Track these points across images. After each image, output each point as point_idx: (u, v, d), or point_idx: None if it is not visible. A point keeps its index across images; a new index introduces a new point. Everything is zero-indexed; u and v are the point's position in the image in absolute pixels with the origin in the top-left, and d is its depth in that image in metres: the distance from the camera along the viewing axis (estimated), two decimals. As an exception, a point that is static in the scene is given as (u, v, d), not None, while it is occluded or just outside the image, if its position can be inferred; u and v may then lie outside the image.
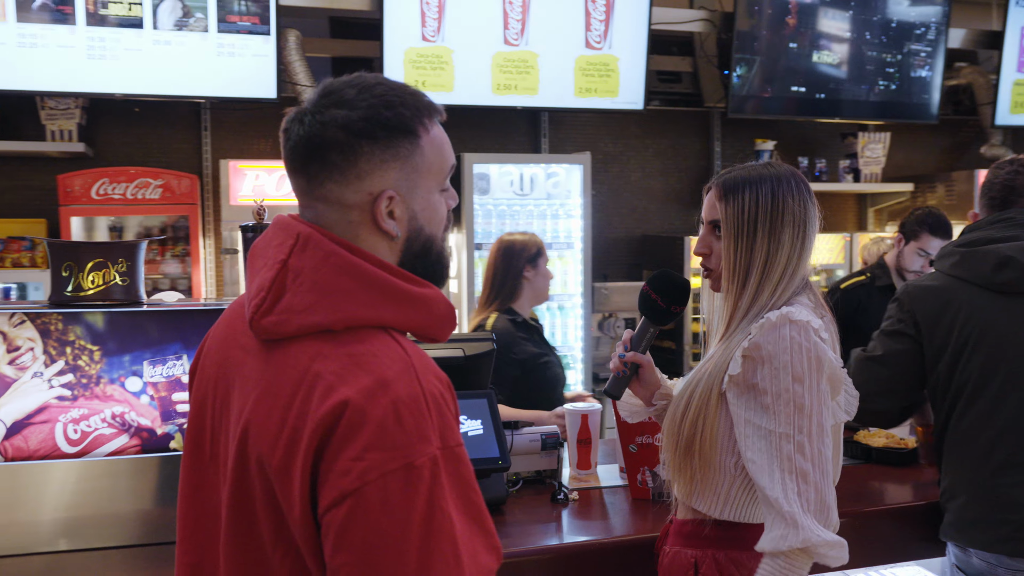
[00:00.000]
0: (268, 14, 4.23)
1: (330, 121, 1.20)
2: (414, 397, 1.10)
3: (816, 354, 1.62)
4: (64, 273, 2.00)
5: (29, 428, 1.89)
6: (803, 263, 1.75)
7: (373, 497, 1.06)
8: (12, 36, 3.95)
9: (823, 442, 1.61)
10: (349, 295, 1.17)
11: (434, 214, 1.29)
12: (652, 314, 1.91)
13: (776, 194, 1.72)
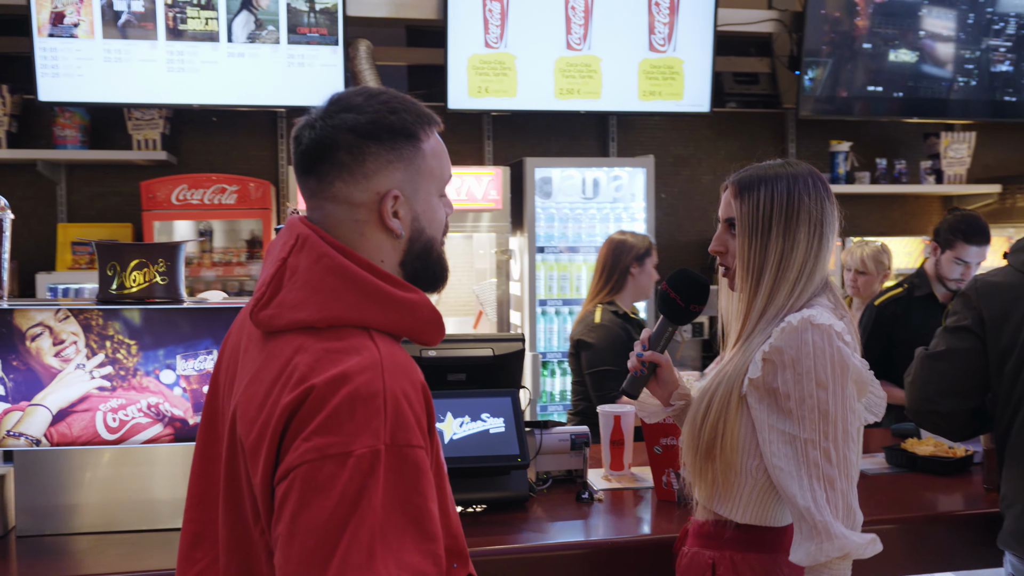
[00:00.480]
0: (336, 25, 4.38)
1: (340, 124, 1.28)
2: (372, 393, 1.16)
3: (840, 359, 1.61)
4: (109, 272, 2.14)
5: (72, 416, 2.04)
6: (820, 263, 1.72)
7: (309, 477, 1.12)
8: (99, 52, 4.21)
9: (848, 447, 1.60)
10: (335, 295, 1.24)
11: (434, 217, 1.37)
12: (671, 312, 1.91)
13: (792, 192, 1.71)
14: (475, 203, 4.34)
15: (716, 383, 1.73)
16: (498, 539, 2.09)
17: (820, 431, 1.58)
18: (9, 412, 2.02)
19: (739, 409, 1.68)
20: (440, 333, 1.36)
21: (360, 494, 1.12)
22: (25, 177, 4.69)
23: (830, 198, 1.75)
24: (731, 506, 1.72)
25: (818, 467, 1.57)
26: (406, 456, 1.17)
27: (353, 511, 1.11)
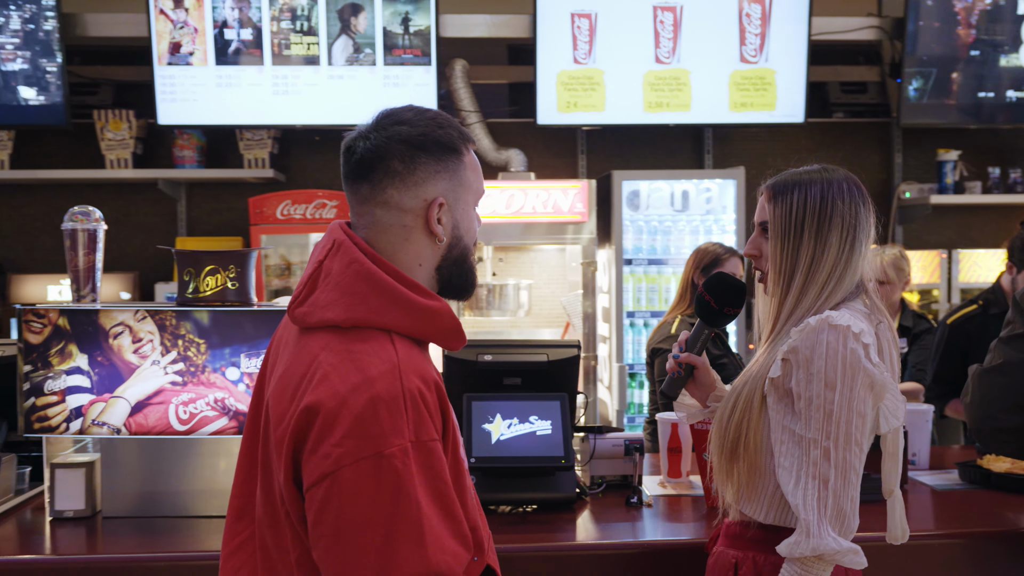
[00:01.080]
0: (429, 46, 4.56)
1: (394, 136, 1.41)
2: (393, 395, 1.28)
3: (852, 360, 1.60)
4: (185, 277, 2.34)
5: (148, 408, 2.23)
6: (852, 267, 1.71)
7: (347, 479, 1.24)
8: (212, 78, 4.53)
9: (850, 450, 1.59)
10: (361, 298, 1.36)
11: (471, 226, 1.51)
12: (707, 316, 1.94)
13: (825, 196, 1.71)
14: (561, 215, 4.42)
15: (743, 383, 1.74)
16: (539, 537, 2.15)
17: (823, 431, 1.58)
18: (95, 403, 2.23)
19: (762, 409, 1.69)
20: (460, 340, 1.47)
21: (399, 490, 1.24)
22: (149, 195, 5.08)
23: (866, 204, 1.74)
24: (755, 506, 1.73)
25: (816, 466, 1.58)
26: (430, 450, 1.29)
27: (395, 506, 1.23)
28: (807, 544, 1.56)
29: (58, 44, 4.54)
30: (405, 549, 1.23)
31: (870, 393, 1.62)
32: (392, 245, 1.43)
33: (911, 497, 2.51)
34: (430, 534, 1.25)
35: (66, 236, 2.43)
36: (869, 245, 1.74)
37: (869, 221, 1.74)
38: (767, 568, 1.70)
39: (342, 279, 1.38)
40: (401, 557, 1.23)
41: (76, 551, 2.12)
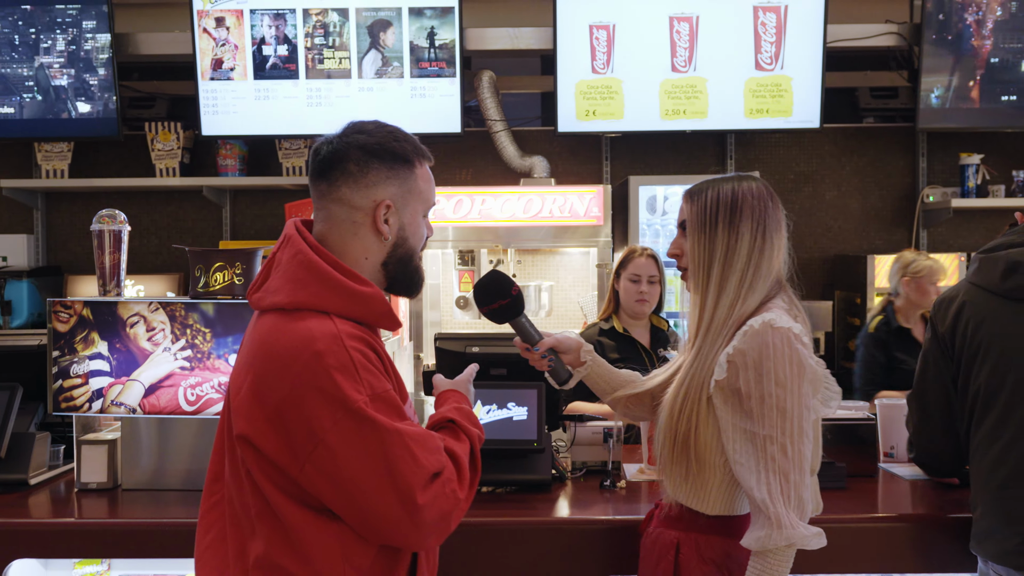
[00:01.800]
0: (454, 59, 4.78)
1: (353, 142, 1.64)
2: (342, 362, 1.50)
3: (797, 360, 1.71)
4: (196, 273, 2.59)
5: (160, 390, 2.48)
6: (767, 257, 1.81)
7: (335, 441, 1.47)
8: (251, 91, 4.83)
9: (803, 443, 1.71)
10: (303, 285, 1.59)
11: (417, 231, 1.72)
12: (501, 317, 2.03)
13: (735, 192, 1.83)
14: (578, 219, 4.58)
15: (687, 379, 1.84)
16: (512, 514, 2.33)
17: (778, 427, 1.69)
18: (113, 385, 2.49)
19: (708, 408, 1.79)
20: (394, 323, 1.69)
21: (378, 430, 1.48)
22: (196, 202, 5.41)
23: (774, 202, 1.86)
24: (701, 499, 1.83)
25: (775, 461, 1.68)
26: (384, 398, 1.53)
27: (382, 442, 1.47)
28: (780, 536, 1.67)
29: (110, 61, 4.89)
30: (406, 469, 1.48)
31: (812, 387, 1.74)
32: (343, 238, 1.64)
33: (883, 486, 2.61)
34: (416, 448, 1.51)
35: (94, 236, 2.70)
36: (782, 241, 1.85)
37: (778, 218, 1.84)
38: (709, 550, 1.81)
39: (288, 268, 1.60)
40: (406, 477, 1.48)
41: (98, 516, 2.37)
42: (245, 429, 1.52)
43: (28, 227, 5.48)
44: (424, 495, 1.51)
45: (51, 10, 4.84)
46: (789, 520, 1.67)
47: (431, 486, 1.53)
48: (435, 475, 1.54)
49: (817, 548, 1.71)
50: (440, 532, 1.57)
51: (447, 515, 1.56)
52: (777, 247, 1.84)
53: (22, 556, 2.31)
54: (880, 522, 2.28)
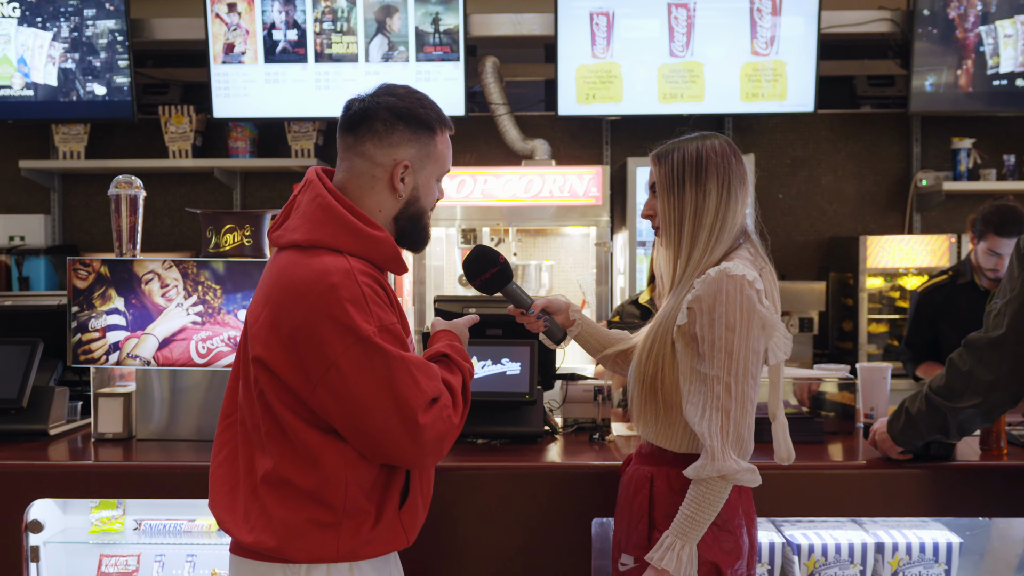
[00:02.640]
0: (457, 44, 4.93)
1: (383, 103, 1.79)
2: (355, 295, 1.65)
3: (748, 305, 1.81)
4: (208, 235, 2.74)
5: (173, 343, 2.63)
6: (732, 211, 1.91)
7: (346, 365, 1.63)
8: (261, 75, 4.98)
9: (747, 383, 1.82)
10: (320, 224, 1.74)
11: (430, 192, 1.87)
12: (492, 287, 2.15)
13: (700, 152, 1.92)
14: (577, 199, 4.72)
15: (657, 326, 1.96)
16: (502, 460, 2.46)
17: (725, 368, 1.80)
18: (129, 339, 2.64)
19: (672, 353, 1.91)
20: (401, 266, 1.84)
21: (384, 354, 1.63)
22: (208, 184, 5.57)
23: (737, 157, 1.95)
24: (670, 438, 1.95)
25: (718, 399, 1.80)
26: (390, 330, 1.68)
27: (388, 369, 1.63)
28: (712, 467, 1.78)
29: (125, 47, 5.05)
30: (409, 393, 1.64)
31: (762, 332, 1.84)
32: (361, 190, 1.78)
33: (858, 442, 2.73)
34: (419, 375, 1.67)
35: (111, 200, 2.85)
36: (746, 195, 1.96)
37: (741, 172, 1.94)
38: (679, 481, 1.92)
39: (308, 209, 1.75)
40: (410, 400, 1.64)
41: (113, 460, 2.52)
42: (262, 353, 1.67)
43: (45, 207, 5.65)
44: (425, 416, 1.66)
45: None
46: (723, 453, 1.78)
47: (431, 409, 1.68)
48: (434, 400, 1.70)
49: (751, 484, 1.83)
50: (437, 452, 1.73)
51: (443, 437, 1.72)
52: (741, 201, 1.94)
53: (42, 496, 2.45)
54: (849, 469, 2.41)
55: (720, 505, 1.83)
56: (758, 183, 5.51)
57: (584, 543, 2.36)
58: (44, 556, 2.55)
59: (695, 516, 1.83)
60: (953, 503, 2.39)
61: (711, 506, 1.82)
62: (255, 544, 1.68)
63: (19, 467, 2.42)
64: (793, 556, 2.46)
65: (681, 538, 1.82)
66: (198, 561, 2.63)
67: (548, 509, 2.39)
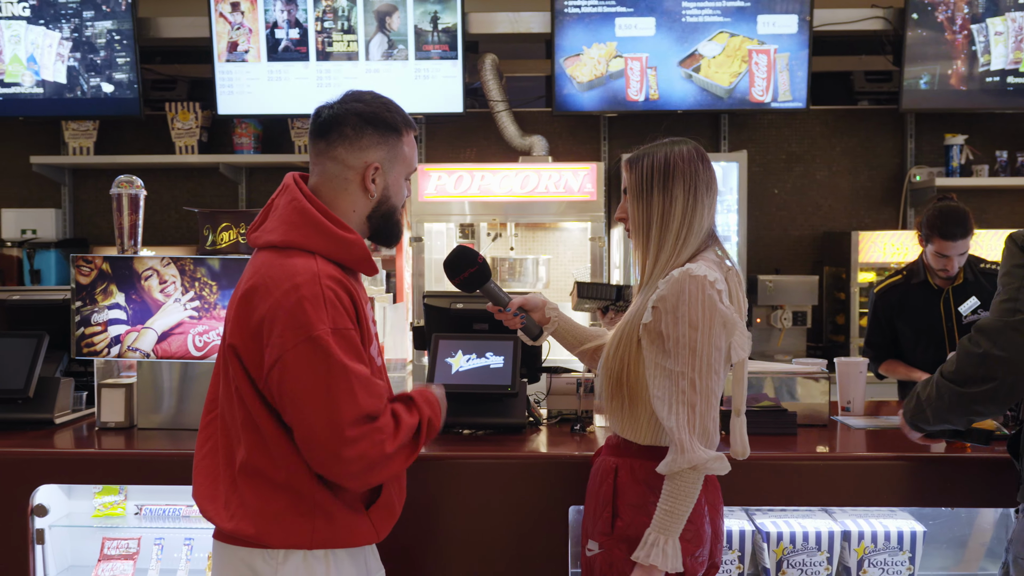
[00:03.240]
0: (456, 42, 5.02)
1: (351, 109, 1.90)
2: (315, 295, 1.75)
3: (709, 304, 1.90)
4: (205, 233, 2.86)
5: (171, 337, 2.75)
6: (698, 216, 2.00)
7: (291, 360, 1.73)
8: (264, 73, 5.10)
9: (711, 379, 1.90)
10: (295, 227, 1.85)
11: (399, 191, 1.99)
12: (471, 285, 2.25)
13: (668, 159, 2.00)
14: (572, 195, 4.82)
15: (624, 324, 2.05)
16: (484, 450, 2.57)
17: (689, 364, 1.89)
18: (129, 332, 2.76)
19: (638, 349, 2.00)
20: (371, 267, 1.95)
21: (328, 359, 1.72)
22: (213, 178, 5.70)
23: (704, 163, 2.03)
24: (634, 429, 2.04)
25: (684, 394, 1.88)
26: (344, 335, 1.76)
27: (328, 373, 1.72)
28: (683, 459, 1.86)
29: (133, 45, 5.17)
30: (342, 401, 1.71)
31: (724, 330, 1.93)
32: (335, 192, 1.89)
33: (837, 434, 2.81)
34: (358, 387, 1.73)
35: (113, 199, 2.97)
36: (713, 199, 2.04)
37: (708, 178, 2.02)
38: (641, 472, 2.01)
39: (284, 212, 1.86)
40: (341, 407, 1.71)
41: (116, 448, 2.64)
42: (235, 340, 1.79)
43: (56, 202, 5.79)
44: (352, 430, 1.71)
45: (77, -5, 5.13)
46: (691, 445, 1.87)
47: (361, 425, 1.73)
48: (369, 417, 1.75)
49: (720, 472, 1.91)
50: (360, 475, 1.75)
51: (371, 462, 1.74)
52: (707, 205, 2.02)
53: (47, 482, 2.58)
54: (817, 460, 2.50)
55: (695, 496, 1.91)
56: (753, 178, 5.58)
57: (561, 530, 2.47)
58: (49, 539, 2.68)
59: (672, 510, 1.90)
60: (919, 494, 2.47)
61: (687, 497, 1.90)
62: (235, 531, 1.80)
63: (25, 454, 2.55)
64: (763, 543, 2.56)
65: (663, 533, 1.90)
66: (195, 544, 2.76)
67: (527, 497, 2.48)
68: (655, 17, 4.99)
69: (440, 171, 4.92)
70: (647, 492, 2.00)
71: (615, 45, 5.01)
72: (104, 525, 2.77)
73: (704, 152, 2.07)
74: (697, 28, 4.99)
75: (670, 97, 5.07)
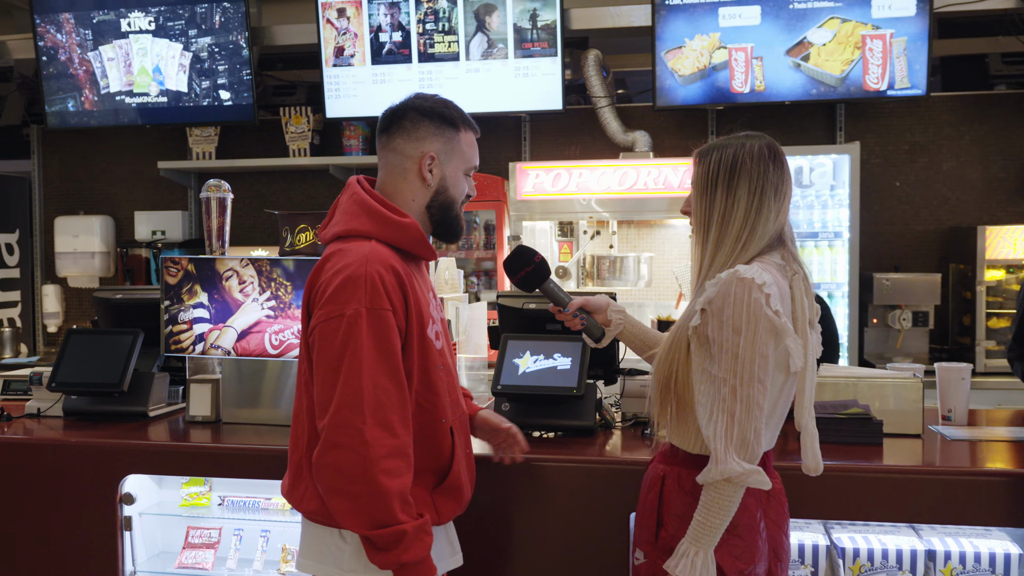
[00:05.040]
0: (555, 39, 4.98)
1: (410, 105, 2.05)
2: (357, 276, 1.85)
3: (754, 308, 1.79)
4: (283, 234, 2.94)
5: (250, 335, 2.84)
6: (762, 219, 1.90)
7: (321, 331, 1.86)
8: (369, 76, 5.21)
9: (753, 387, 1.80)
10: (355, 217, 1.97)
11: (457, 184, 2.08)
12: (529, 284, 2.23)
13: (737, 156, 1.92)
14: (672, 191, 4.70)
15: (676, 328, 1.98)
16: (546, 452, 2.54)
17: (731, 370, 1.80)
18: (212, 331, 2.88)
19: (688, 353, 1.92)
20: (428, 250, 2.03)
21: (348, 338, 1.82)
22: (324, 180, 5.87)
23: (776, 162, 1.92)
24: (683, 436, 1.97)
25: (724, 401, 1.81)
26: (380, 316, 1.85)
27: (346, 349, 1.82)
28: (716, 470, 1.79)
29: (247, 53, 5.39)
30: (348, 375, 1.80)
31: (771, 337, 1.82)
32: (395, 182, 2.03)
33: (937, 445, 2.62)
34: (368, 373, 1.81)
35: (203, 203, 3.10)
36: (783, 202, 1.93)
37: (779, 179, 1.91)
38: (688, 482, 1.93)
39: (345, 205, 2.00)
40: (343, 381, 1.80)
41: (200, 441, 2.76)
42: (307, 321, 1.95)
43: (183, 204, 6.12)
44: (331, 417, 1.80)
45: (195, 5, 5.39)
46: (726, 456, 1.78)
47: (342, 417, 1.79)
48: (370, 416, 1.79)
49: (762, 487, 1.81)
50: (321, 470, 1.81)
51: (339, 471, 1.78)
52: (774, 209, 1.92)
53: (133, 472, 2.72)
54: (902, 473, 2.33)
55: (731, 509, 1.83)
56: (872, 170, 5.30)
57: (622, 536, 2.41)
58: (141, 526, 2.83)
59: (706, 522, 1.83)
60: (1018, 514, 2.28)
61: (721, 510, 1.82)
62: (309, 512, 1.96)
63: (113, 445, 2.70)
64: (839, 559, 2.42)
65: (695, 544, 1.83)
66: (271, 536, 2.85)
67: (588, 502, 2.45)
68: (760, 5, 4.79)
69: (538, 168, 4.90)
70: (692, 503, 1.93)
71: (718, 36, 4.85)
72: (190, 515, 2.90)
73: (778, 150, 1.97)
74: (806, 15, 4.76)
75: (777, 88, 4.86)
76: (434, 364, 1.99)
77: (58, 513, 2.70)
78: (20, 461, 2.74)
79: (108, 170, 6.25)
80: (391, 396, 1.84)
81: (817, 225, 4.75)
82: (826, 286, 4.77)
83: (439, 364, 2.01)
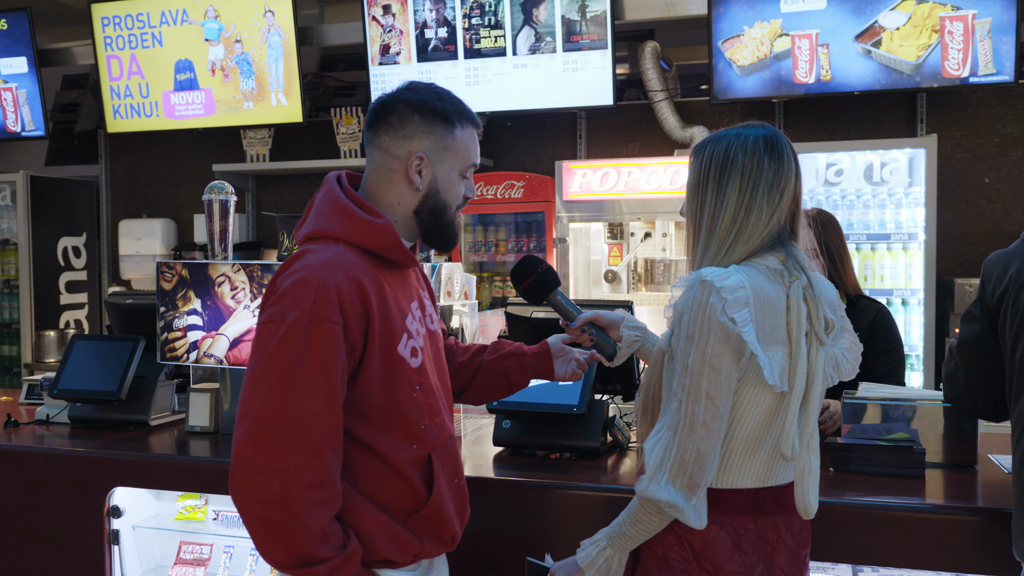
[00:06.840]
0: (605, 31, 4.73)
1: (399, 97, 1.80)
2: (309, 281, 1.64)
3: (708, 315, 1.60)
4: (281, 238, 2.81)
5: (242, 343, 2.72)
6: (754, 218, 1.69)
7: (260, 333, 1.66)
8: (415, 74, 5.07)
9: (698, 402, 1.60)
10: (326, 217, 1.76)
11: (452, 187, 1.82)
12: (534, 295, 2.02)
13: (728, 150, 1.71)
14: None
15: (662, 337, 1.79)
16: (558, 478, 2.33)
17: (681, 383, 1.62)
18: (205, 338, 2.77)
19: (663, 364, 1.74)
20: (403, 254, 1.78)
21: (286, 346, 1.60)
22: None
23: (772, 156, 1.70)
24: None
25: (668, 416, 1.63)
26: (324, 328, 1.61)
27: (280, 357, 1.60)
28: (639, 485, 1.64)
29: (296, 53, 5.33)
30: (279, 389, 1.59)
31: (726, 347, 1.59)
32: (379, 182, 1.78)
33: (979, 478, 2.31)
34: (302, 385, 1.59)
35: (205, 206, 3.00)
36: (781, 199, 1.70)
37: (775, 174, 1.69)
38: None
39: (318, 204, 1.77)
40: (272, 394, 1.58)
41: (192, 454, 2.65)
42: None
43: (240, 207, 6.12)
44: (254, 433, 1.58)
45: (248, 9, 5.37)
46: (652, 476, 1.62)
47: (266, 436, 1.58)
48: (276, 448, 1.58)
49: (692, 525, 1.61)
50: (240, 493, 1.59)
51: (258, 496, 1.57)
52: (768, 206, 1.69)
53: (121, 484, 2.63)
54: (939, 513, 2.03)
55: (648, 530, 1.68)
56: (957, 166, 4.85)
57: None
58: (134, 539, 2.74)
59: (622, 528, 1.71)
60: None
61: (637, 524, 1.68)
62: None
63: (100, 456, 2.61)
64: (866, 608, 2.12)
65: (608, 540, 1.73)
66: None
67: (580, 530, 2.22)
68: (826, -11, 4.44)
69: (584, 168, 4.66)
70: (674, 544, 1.71)
71: (780, 23, 4.51)
72: (184, 529, 2.80)
73: (777, 143, 1.73)
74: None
75: (845, 77, 4.48)
76: (404, 383, 1.74)
77: (45, 526, 2.63)
78: (6, 471, 2.68)
79: (170, 173, 6.31)
80: (322, 420, 1.62)
81: (890, 226, 4.36)
82: (899, 292, 4.37)
83: (413, 383, 1.76)
